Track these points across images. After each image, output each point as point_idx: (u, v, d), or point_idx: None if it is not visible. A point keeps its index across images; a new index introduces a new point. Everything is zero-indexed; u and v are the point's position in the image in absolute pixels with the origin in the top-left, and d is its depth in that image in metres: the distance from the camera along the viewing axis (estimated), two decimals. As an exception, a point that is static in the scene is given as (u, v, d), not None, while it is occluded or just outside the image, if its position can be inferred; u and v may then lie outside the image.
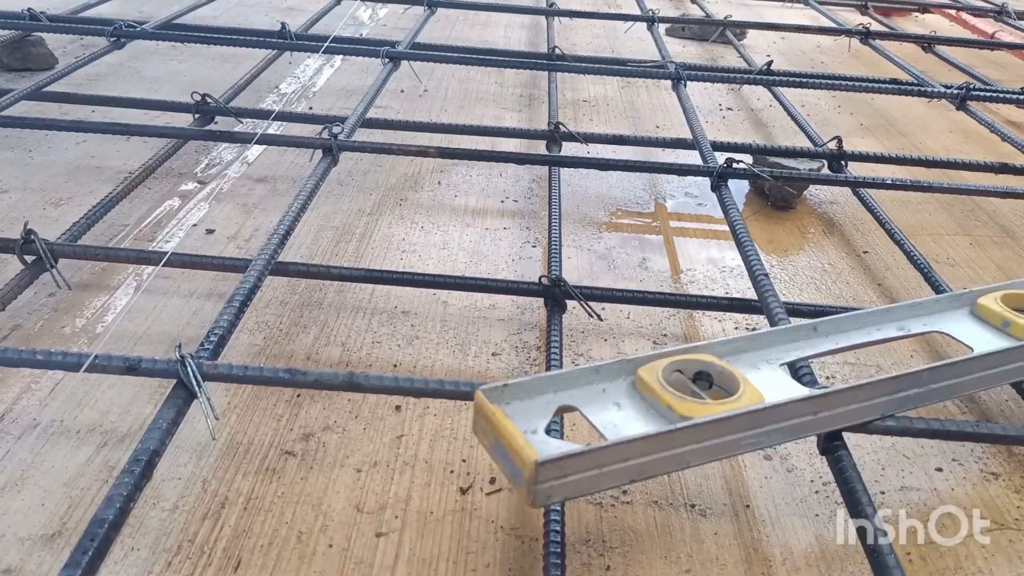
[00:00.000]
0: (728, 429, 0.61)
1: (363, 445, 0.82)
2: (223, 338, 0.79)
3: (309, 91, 1.83)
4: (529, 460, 0.56)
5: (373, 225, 1.25)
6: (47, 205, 1.24)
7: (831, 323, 0.74)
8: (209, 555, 0.68)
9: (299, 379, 0.72)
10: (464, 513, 0.75)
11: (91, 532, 0.57)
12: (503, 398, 0.63)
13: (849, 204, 1.38)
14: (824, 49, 2.35)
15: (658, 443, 0.60)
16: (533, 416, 0.63)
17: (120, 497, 0.60)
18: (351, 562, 0.69)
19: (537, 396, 0.65)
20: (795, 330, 0.73)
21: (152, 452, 0.64)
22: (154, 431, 0.66)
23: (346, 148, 1.21)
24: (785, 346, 0.71)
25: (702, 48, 2.31)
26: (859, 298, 1.12)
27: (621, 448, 0.59)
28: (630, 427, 0.63)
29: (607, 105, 1.83)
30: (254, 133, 1.22)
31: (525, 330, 1.02)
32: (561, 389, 0.66)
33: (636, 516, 0.75)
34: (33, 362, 0.71)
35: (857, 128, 1.75)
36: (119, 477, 0.62)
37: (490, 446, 0.61)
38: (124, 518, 0.60)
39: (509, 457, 0.58)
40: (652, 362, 0.66)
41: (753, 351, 0.70)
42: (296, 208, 1.03)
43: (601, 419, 0.64)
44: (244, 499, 0.74)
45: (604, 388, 0.66)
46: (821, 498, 0.78)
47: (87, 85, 1.71)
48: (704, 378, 0.67)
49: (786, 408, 0.63)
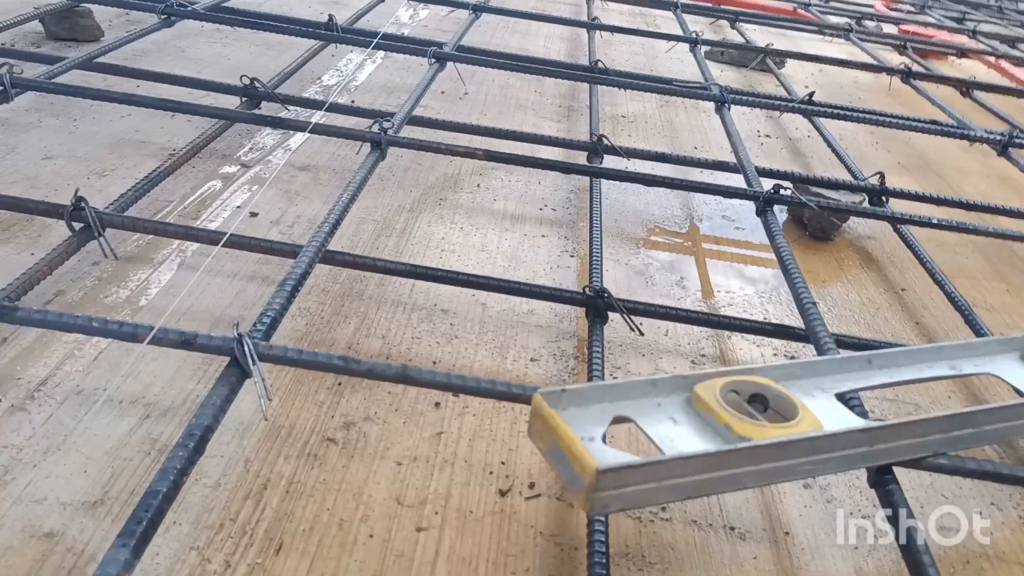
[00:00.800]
0: (787, 454, 0.61)
1: (403, 439, 0.81)
2: (275, 320, 0.79)
3: (351, 85, 1.84)
4: (590, 467, 0.55)
5: (413, 222, 1.26)
6: (91, 175, 1.25)
7: (885, 357, 0.74)
8: (251, 535, 0.68)
9: (353, 367, 0.72)
10: (503, 515, 0.74)
11: (145, 503, 0.57)
12: (560, 403, 0.63)
13: (887, 240, 1.38)
14: (861, 85, 2.36)
15: (717, 462, 0.60)
16: (589, 424, 0.63)
17: (174, 470, 0.60)
18: (392, 554, 0.69)
19: (593, 404, 0.65)
20: (850, 361, 0.72)
21: (206, 428, 0.64)
22: (208, 407, 0.66)
23: (395, 143, 1.21)
24: (839, 376, 0.71)
25: (740, 74, 2.32)
26: (897, 335, 1.12)
27: (681, 463, 0.59)
28: (687, 443, 0.63)
29: (645, 122, 1.83)
30: (307, 122, 1.22)
31: (563, 338, 1.02)
32: (617, 399, 0.66)
33: (675, 533, 0.75)
34: (89, 328, 0.71)
35: (895, 166, 1.76)
36: (173, 451, 0.62)
37: (546, 449, 0.61)
38: (177, 491, 0.59)
39: (568, 462, 0.58)
40: (710, 380, 0.66)
41: (808, 378, 0.70)
42: (345, 199, 1.03)
43: (657, 433, 0.64)
44: (286, 482, 0.74)
45: (660, 402, 0.66)
46: (860, 530, 0.78)
47: (132, 60, 1.72)
48: (759, 400, 0.67)
49: (844, 437, 0.63)
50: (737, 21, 2.55)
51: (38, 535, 0.66)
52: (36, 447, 0.74)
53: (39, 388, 0.81)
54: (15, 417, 0.77)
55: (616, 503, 0.57)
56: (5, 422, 0.76)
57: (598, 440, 0.62)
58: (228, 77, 1.70)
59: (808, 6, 2.96)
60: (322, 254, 0.92)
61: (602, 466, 0.55)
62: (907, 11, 3.44)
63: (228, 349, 0.71)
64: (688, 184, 1.23)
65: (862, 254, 1.35)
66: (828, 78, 2.38)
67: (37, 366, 0.84)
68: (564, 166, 1.29)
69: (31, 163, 1.25)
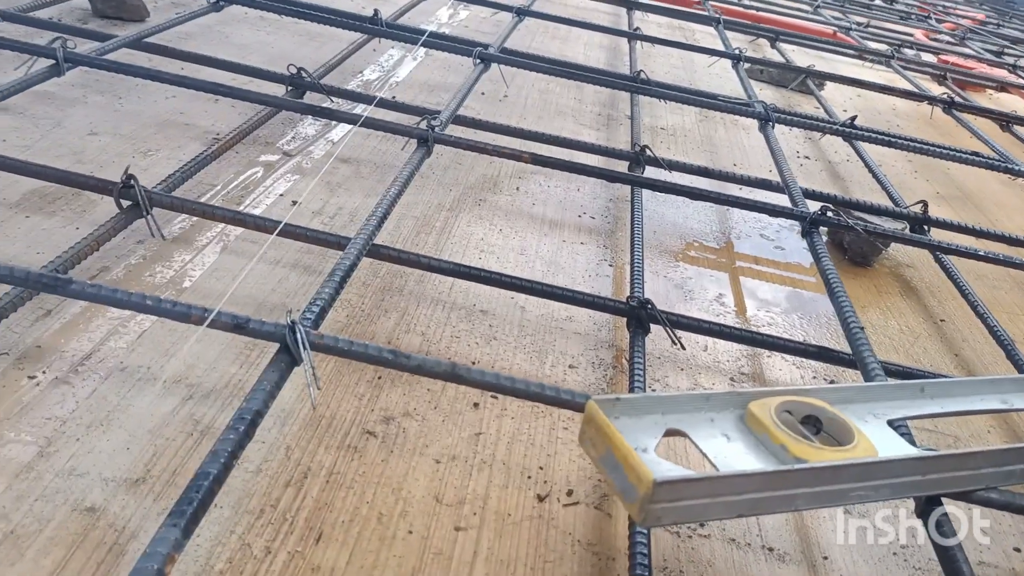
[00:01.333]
0: (843, 477, 0.60)
1: (442, 436, 0.81)
2: (324, 310, 0.79)
3: (391, 80, 1.84)
4: (647, 478, 0.55)
5: (453, 221, 1.25)
6: (136, 154, 1.25)
7: (939, 386, 0.73)
8: (291, 523, 0.68)
9: (402, 362, 0.71)
10: (541, 521, 0.74)
11: (195, 484, 0.57)
12: (614, 411, 0.63)
13: (927, 269, 1.37)
14: (899, 112, 2.35)
15: (773, 481, 0.59)
16: (641, 434, 0.63)
17: (224, 453, 0.60)
18: (430, 552, 0.68)
19: (646, 415, 0.64)
20: (903, 388, 0.72)
21: (256, 412, 0.64)
22: (259, 392, 0.66)
23: (441, 141, 1.21)
24: (892, 403, 0.70)
25: (779, 93, 2.31)
26: (936, 365, 1.11)
27: (737, 480, 0.58)
28: (740, 461, 0.62)
29: (684, 136, 1.83)
30: (357, 115, 1.22)
31: (601, 347, 1.01)
32: (669, 412, 0.65)
33: (714, 551, 0.74)
34: (143, 306, 0.71)
35: (933, 196, 1.74)
36: (224, 433, 0.61)
37: (599, 457, 0.61)
38: (227, 474, 0.59)
39: (622, 472, 0.58)
40: (764, 399, 0.65)
41: (861, 403, 0.69)
42: (393, 193, 1.03)
43: (710, 448, 0.63)
44: (326, 472, 0.74)
45: (712, 418, 0.66)
46: (899, 560, 0.77)
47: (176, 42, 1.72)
48: (812, 422, 0.66)
49: (900, 465, 0.62)
50: (777, 40, 2.55)
51: (80, 509, 0.66)
52: (79, 421, 0.74)
53: (83, 362, 0.81)
54: (59, 390, 0.77)
55: (669, 516, 0.57)
56: (49, 394, 0.76)
57: (651, 451, 0.61)
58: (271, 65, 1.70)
59: (849, 30, 2.95)
60: (369, 247, 0.92)
61: (659, 478, 0.55)
62: (946, 41, 3.43)
63: (280, 336, 0.71)
64: (734, 200, 1.22)
65: (901, 282, 1.34)
66: (867, 103, 2.37)
67: (81, 340, 0.84)
68: (610, 174, 1.28)
69: (77, 138, 1.26)
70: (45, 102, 1.35)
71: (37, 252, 0.96)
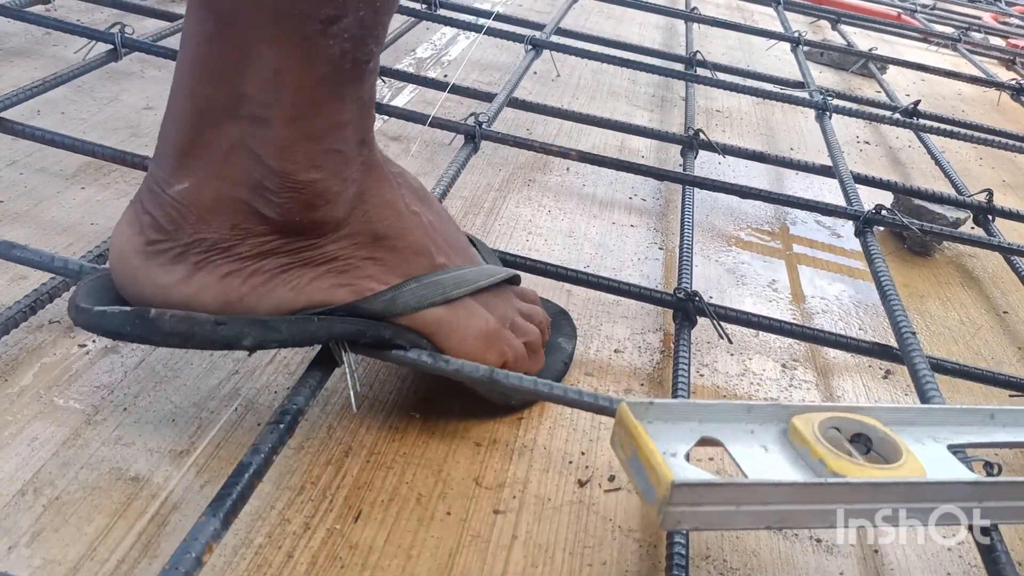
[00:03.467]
0: (883, 496, 0.58)
1: (484, 420, 0.80)
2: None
3: (443, 58, 1.83)
4: (665, 480, 0.53)
5: (501, 202, 1.24)
6: (189, 129, 1.26)
7: (1010, 414, 0.69)
8: (331, 500, 0.68)
9: (441, 366, 0.70)
10: (581, 506, 0.73)
11: (235, 478, 0.57)
12: (647, 415, 0.61)
13: (989, 259, 1.32)
14: (965, 98, 2.27)
15: (804, 493, 0.57)
16: (674, 440, 0.61)
17: (265, 448, 0.60)
18: (468, 534, 0.68)
19: (681, 421, 0.63)
20: (970, 413, 0.68)
21: (297, 411, 0.64)
22: (302, 388, 0.66)
23: (488, 137, 1.20)
24: (957, 427, 0.67)
25: (839, 76, 2.25)
26: (998, 358, 1.07)
27: (763, 489, 0.56)
28: (775, 472, 0.60)
29: (740, 119, 1.79)
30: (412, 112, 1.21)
31: (649, 331, 0.99)
32: (707, 420, 0.63)
33: (759, 541, 0.72)
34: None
35: (999, 183, 1.68)
36: (265, 428, 0.62)
37: (626, 459, 0.59)
38: (267, 467, 0.60)
39: (644, 473, 0.56)
40: (809, 413, 0.63)
41: (921, 425, 0.66)
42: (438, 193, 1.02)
43: (745, 458, 0.61)
44: (367, 452, 0.74)
45: (753, 429, 0.64)
46: (954, 556, 0.75)
47: (232, 19, 1.73)
48: (862, 441, 0.64)
49: (950, 488, 0.59)
50: (839, 22, 2.48)
51: (125, 479, 0.67)
52: (127, 391, 0.75)
53: (132, 334, 0.82)
54: (108, 359, 0.78)
55: (689, 521, 0.55)
56: (99, 363, 0.78)
57: (680, 456, 0.60)
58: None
59: (914, 12, 2.86)
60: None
61: (678, 480, 0.53)
62: (1016, 25, 3.31)
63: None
64: (785, 199, 1.19)
65: (962, 272, 1.30)
66: (931, 88, 2.30)
67: (131, 312, 0.85)
68: (657, 172, 1.26)
69: (133, 112, 1.28)
70: (103, 76, 1.37)
71: (91, 223, 0.98)
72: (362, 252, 0.65)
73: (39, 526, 0.61)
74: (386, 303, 0.67)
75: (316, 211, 0.61)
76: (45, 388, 0.74)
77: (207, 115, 0.57)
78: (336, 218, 0.63)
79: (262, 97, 0.56)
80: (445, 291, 0.70)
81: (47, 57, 1.40)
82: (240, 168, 0.58)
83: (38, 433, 0.69)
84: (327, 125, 0.59)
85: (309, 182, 0.60)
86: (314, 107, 0.58)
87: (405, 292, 0.68)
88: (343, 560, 0.63)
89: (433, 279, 0.70)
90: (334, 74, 0.57)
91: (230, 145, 0.58)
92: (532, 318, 0.83)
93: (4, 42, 1.42)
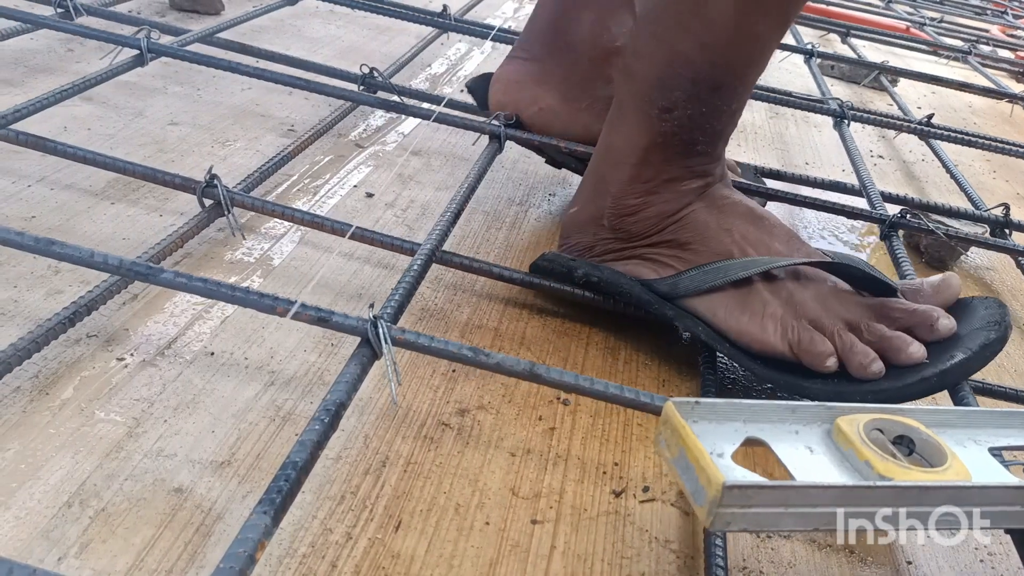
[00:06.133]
0: (929, 499, 0.58)
1: (516, 430, 0.81)
2: (402, 305, 0.80)
3: (458, 73, 1.85)
4: (717, 481, 0.54)
5: (523, 216, 1.25)
6: (214, 144, 1.27)
7: None
8: (371, 510, 0.69)
9: (482, 360, 0.72)
10: (617, 516, 0.74)
11: (283, 474, 0.58)
12: (692, 415, 0.62)
13: (1007, 272, 1.33)
14: (976, 110, 2.28)
15: (851, 496, 0.57)
16: (719, 440, 0.62)
17: (311, 443, 0.61)
18: (507, 543, 0.68)
19: (726, 421, 0.64)
20: (1011, 416, 0.69)
21: (339, 404, 0.65)
22: (341, 384, 0.67)
23: (513, 138, 1.21)
24: (997, 430, 0.68)
25: (851, 89, 2.26)
26: (1020, 370, 1.08)
27: (812, 492, 0.57)
28: (821, 474, 0.61)
29: (755, 133, 1.80)
30: (431, 111, 1.23)
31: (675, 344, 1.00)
32: (751, 420, 0.64)
33: (795, 552, 0.73)
34: (231, 297, 0.72)
35: (1013, 197, 1.69)
36: (309, 424, 0.62)
37: (672, 459, 0.60)
38: (313, 463, 0.60)
39: (693, 474, 0.57)
40: (853, 414, 0.64)
41: (962, 428, 0.67)
42: (465, 191, 1.04)
43: (791, 459, 0.62)
44: (404, 462, 0.74)
45: (797, 430, 0.64)
46: (987, 568, 0.75)
47: (251, 36, 1.76)
48: (905, 443, 0.64)
49: (994, 492, 0.60)
50: (849, 36, 2.50)
51: (168, 490, 0.67)
52: (166, 403, 0.76)
53: (169, 346, 0.83)
54: (146, 372, 0.79)
55: (739, 522, 0.56)
56: (137, 376, 0.78)
57: (727, 457, 0.60)
58: (342, 58, 1.73)
59: (923, 26, 2.88)
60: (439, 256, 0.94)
61: (729, 482, 0.54)
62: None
63: (362, 330, 0.72)
64: (811, 202, 1.20)
65: (981, 285, 1.30)
66: (942, 100, 2.31)
67: (167, 325, 0.86)
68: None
69: (158, 127, 1.29)
70: (127, 92, 1.38)
71: (123, 238, 0.99)
72: (669, 252, 0.89)
73: (87, 537, 0.62)
74: (670, 284, 0.87)
75: (627, 223, 0.91)
76: (86, 401, 0.74)
77: (593, 162, 0.97)
78: (645, 231, 0.90)
79: (622, 148, 0.89)
80: (727, 274, 0.83)
81: (71, 74, 1.41)
82: (600, 194, 0.92)
83: (81, 446, 0.70)
84: (651, 175, 0.88)
85: (626, 206, 0.90)
86: (646, 163, 0.88)
87: (687, 276, 0.85)
88: (386, 570, 0.64)
89: (716, 266, 0.84)
90: (664, 146, 0.86)
91: (598, 179, 0.93)
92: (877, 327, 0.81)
93: (28, 59, 1.44)
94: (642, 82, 0.84)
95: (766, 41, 0.82)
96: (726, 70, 0.81)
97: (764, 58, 0.85)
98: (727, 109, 0.84)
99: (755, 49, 0.81)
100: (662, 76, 0.82)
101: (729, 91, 0.83)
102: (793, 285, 0.83)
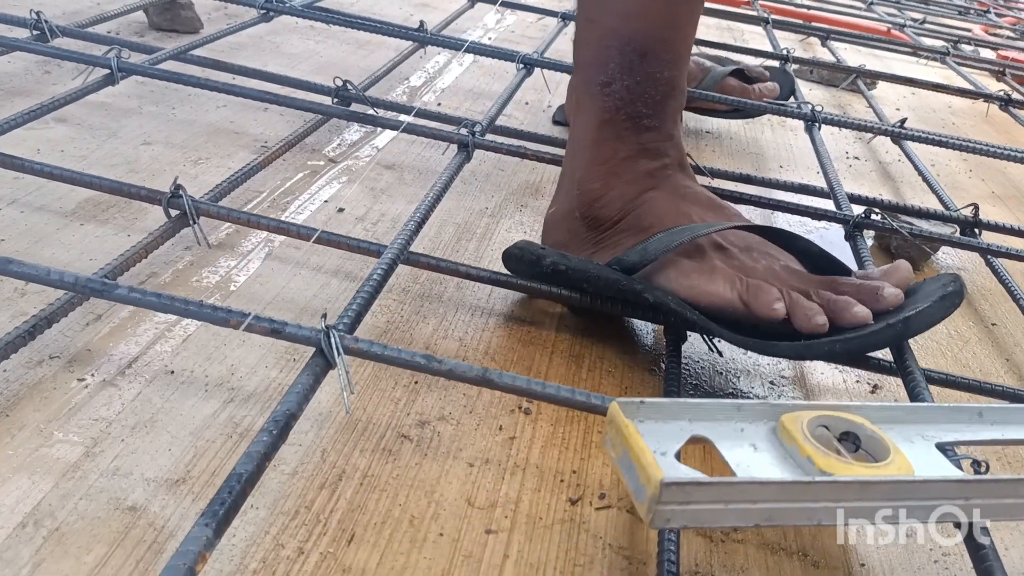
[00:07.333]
0: (870, 494, 0.59)
1: (476, 440, 0.82)
2: (359, 315, 0.80)
3: (436, 86, 1.86)
4: (655, 478, 0.54)
5: (494, 227, 1.26)
6: (187, 162, 1.29)
7: (998, 412, 0.70)
8: (324, 524, 0.69)
9: (434, 367, 0.72)
10: (572, 524, 0.74)
11: (228, 486, 0.58)
12: (638, 414, 0.63)
13: (978, 273, 1.34)
14: (955, 110, 2.29)
15: (791, 492, 0.58)
16: (664, 439, 0.62)
17: (258, 454, 0.61)
18: (460, 554, 0.69)
19: (672, 420, 0.64)
20: (959, 411, 0.69)
21: (289, 415, 0.66)
22: (292, 395, 0.68)
23: (481, 146, 1.22)
24: (945, 426, 0.68)
25: (829, 93, 2.27)
26: (986, 370, 1.08)
27: (751, 488, 0.57)
28: (764, 471, 0.61)
29: (730, 138, 1.81)
30: (400, 121, 1.24)
31: (639, 352, 1.01)
32: (697, 419, 0.65)
33: (748, 556, 0.74)
34: (185, 311, 0.73)
35: (988, 195, 1.70)
36: (258, 435, 0.63)
37: (617, 458, 0.61)
38: (260, 475, 0.61)
39: (635, 472, 0.58)
40: (798, 412, 0.65)
41: (910, 424, 0.67)
42: (431, 198, 1.04)
43: (735, 457, 0.62)
44: (361, 475, 0.75)
45: (743, 428, 0.65)
46: (940, 568, 0.76)
47: (228, 53, 1.77)
48: (851, 439, 0.65)
49: (935, 486, 0.60)
50: (828, 39, 2.51)
51: (122, 508, 0.68)
52: (124, 423, 0.77)
53: (130, 365, 0.84)
54: (106, 392, 0.80)
55: (679, 519, 0.56)
56: (97, 396, 0.79)
57: (671, 455, 0.61)
58: (320, 73, 1.74)
59: (903, 27, 2.89)
60: (405, 256, 0.94)
61: (667, 479, 0.54)
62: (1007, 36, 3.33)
63: (315, 340, 0.73)
64: (776, 204, 1.20)
65: (951, 285, 1.31)
66: (921, 101, 2.32)
67: (129, 344, 0.87)
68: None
69: (131, 148, 1.30)
70: (102, 113, 1.39)
71: (90, 259, 1.00)
72: (633, 238, 0.92)
73: (39, 557, 0.63)
74: (639, 251, 0.89)
75: (594, 209, 0.95)
76: (45, 423, 0.75)
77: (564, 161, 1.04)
78: (611, 216, 0.93)
79: (580, 134, 0.96)
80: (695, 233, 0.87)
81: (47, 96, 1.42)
82: (570, 185, 0.98)
83: (38, 467, 0.71)
84: (607, 154, 0.93)
85: (590, 190, 0.94)
86: (600, 142, 0.93)
87: (654, 240, 0.88)
88: (337, 583, 0.65)
89: (677, 229, 0.88)
90: (612, 122, 0.92)
91: (568, 173, 1.00)
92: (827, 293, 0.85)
93: (4, 82, 1.45)
94: (585, 65, 0.95)
95: (679, 3, 0.91)
96: (647, 35, 0.89)
97: (683, 21, 0.93)
98: (660, 77, 0.90)
99: (670, 12, 0.90)
100: (595, 53, 0.92)
101: (655, 57, 0.90)
102: (745, 256, 0.88)
